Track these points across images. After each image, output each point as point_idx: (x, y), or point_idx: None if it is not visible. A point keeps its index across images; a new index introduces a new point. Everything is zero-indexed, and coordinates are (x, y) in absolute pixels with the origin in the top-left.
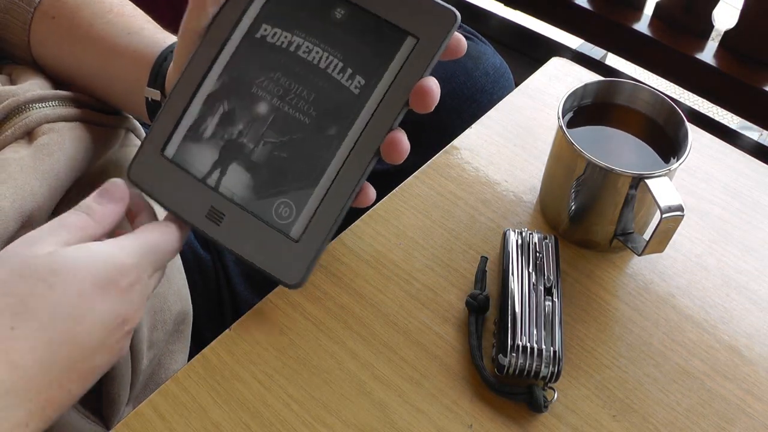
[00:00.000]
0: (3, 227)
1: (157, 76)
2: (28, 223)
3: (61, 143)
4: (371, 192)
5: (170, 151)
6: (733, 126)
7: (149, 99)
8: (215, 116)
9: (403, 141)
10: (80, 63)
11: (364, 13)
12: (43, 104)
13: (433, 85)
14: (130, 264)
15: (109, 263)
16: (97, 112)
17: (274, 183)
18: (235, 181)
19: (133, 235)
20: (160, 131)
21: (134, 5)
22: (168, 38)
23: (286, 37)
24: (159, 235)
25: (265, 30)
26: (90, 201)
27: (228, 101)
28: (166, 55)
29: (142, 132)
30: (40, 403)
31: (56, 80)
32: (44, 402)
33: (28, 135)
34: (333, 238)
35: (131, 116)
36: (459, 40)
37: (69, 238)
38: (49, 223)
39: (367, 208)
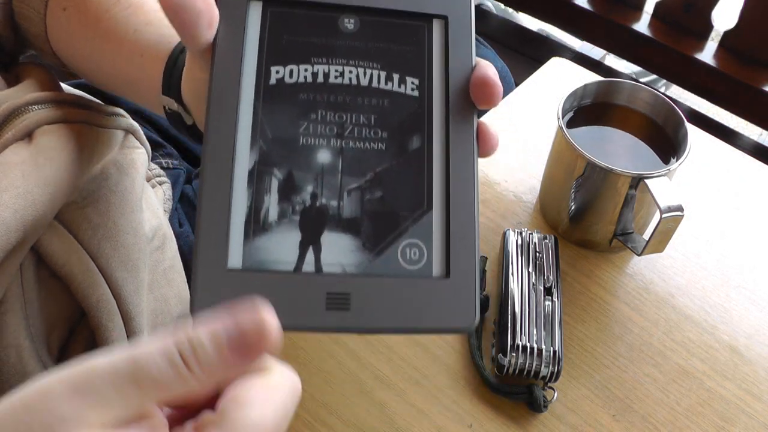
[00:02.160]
0: (5, 239)
1: (170, 82)
2: (29, 232)
3: (62, 146)
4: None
5: (236, 259)
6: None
7: (166, 108)
8: (272, 193)
9: (493, 132)
10: (94, 61)
11: (376, 12)
12: (42, 106)
13: (490, 73)
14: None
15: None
16: (96, 112)
17: (385, 230)
18: (337, 250)
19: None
20: (211, 242)
21: None
22: (174, 34)
23: (306, 70)
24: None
25: (278, 73)
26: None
27: (278, 169)
28: (176, 57)
29: (142, 134)
30: None
31: (75, 75)
32: None
33: (29, 136)
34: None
35: (129, 117)
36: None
37: None
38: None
39: None
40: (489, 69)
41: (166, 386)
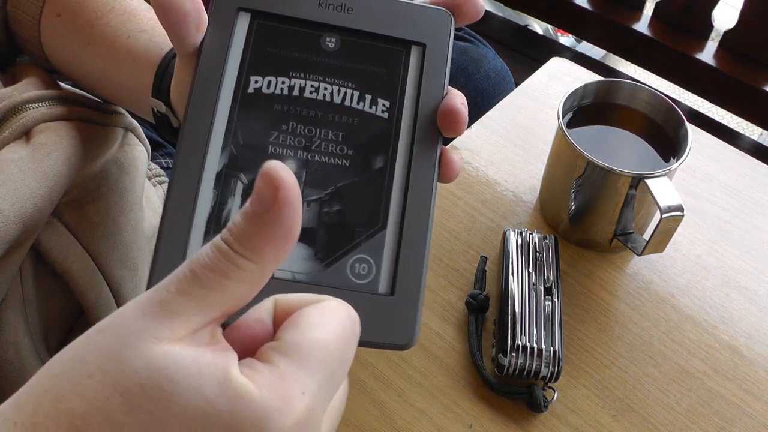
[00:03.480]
0: (4, 230)
1: (160, 85)
2: (29, 226)
3: (59, 142)
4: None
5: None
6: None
7: (155, 110)
8: (235, 197)
9: (456, 159)
10: (86, 66)
11: (358, 34)
12: (40, 104)
13: (458, 103)
14: (274, 409)
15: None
16: (95, 110)
17: (337, 243)
18: (291, 258)
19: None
20: (174, 235)
21: None
22: (168, 42)
23: (283, 82)
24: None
25: (256, 82)
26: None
27: (244, 174)
28: (168, 62)
29: (141, 132)
30: None
31: (65, 79)
32: None
33: (26, 135)
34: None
35: (129, 115)
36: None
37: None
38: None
39: None
40: (457, 99)
41: (222, 271)
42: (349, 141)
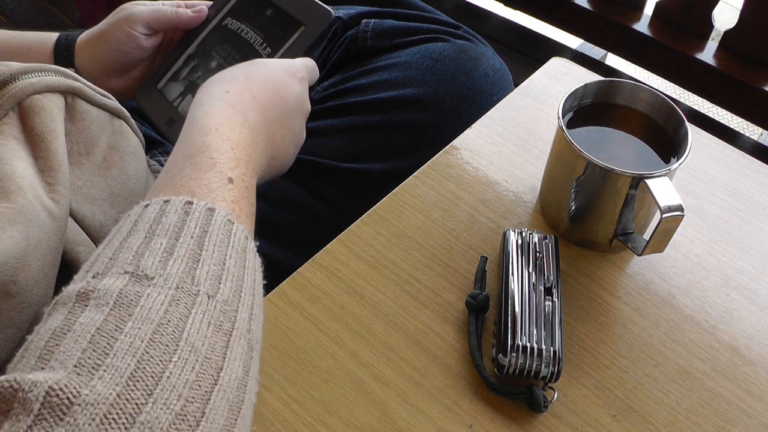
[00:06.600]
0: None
1: (62, 56)
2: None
3: (54, 116)
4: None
5: (160, 85)
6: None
7: None
8: (188, 68)
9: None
10: None
11: (282, 11)
12: (30, 75)
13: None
14: (299, 65)
15: (287, 63)
16: (84, 85)
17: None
18: (188, 104)
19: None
20: (159, 73)
21: None
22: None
23: (236, 24)
24: (309, 62)
25: (228, 21)
26: None
27: (197, 59)
28: (63, 39)
29: (134, 123)
30: (266, 133)
31: None
32: (267, 134)
33: (18, 105)
34: None
35: (119, 103)
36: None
37: None
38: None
39: (367, 208)
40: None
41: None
42: (242, 61)
